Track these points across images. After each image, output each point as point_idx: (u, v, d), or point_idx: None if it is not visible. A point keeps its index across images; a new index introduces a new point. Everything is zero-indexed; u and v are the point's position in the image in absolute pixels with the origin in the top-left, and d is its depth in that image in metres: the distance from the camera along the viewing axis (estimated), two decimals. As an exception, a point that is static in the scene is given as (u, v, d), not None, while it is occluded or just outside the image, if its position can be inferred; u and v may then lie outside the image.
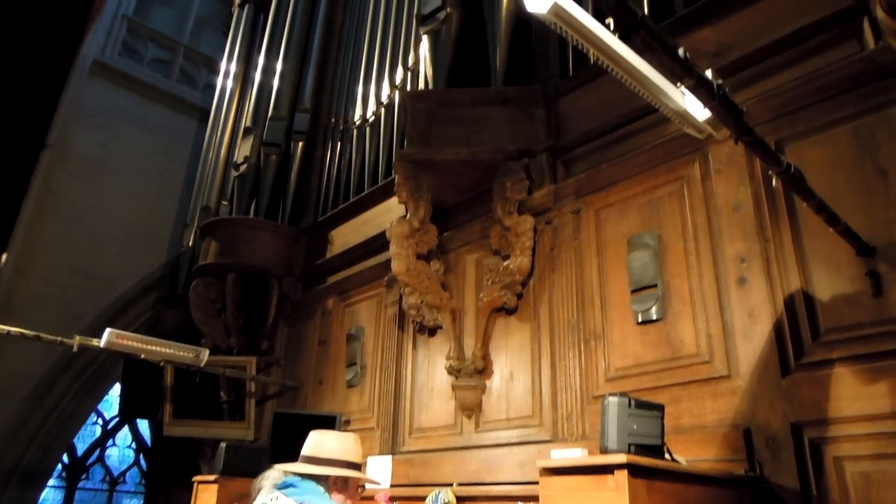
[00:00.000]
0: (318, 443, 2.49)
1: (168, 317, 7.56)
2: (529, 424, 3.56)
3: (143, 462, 9.58)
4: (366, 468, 4.11)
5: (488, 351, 3.94)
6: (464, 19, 4.58)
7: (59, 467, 8.64)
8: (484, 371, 3.91)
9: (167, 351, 4.66)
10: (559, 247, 3.74)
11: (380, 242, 4.84)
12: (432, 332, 4.34)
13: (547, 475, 2.09)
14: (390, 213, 4.98)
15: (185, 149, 9.13)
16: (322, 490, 2.34)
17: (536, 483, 2.12)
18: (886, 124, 2.61)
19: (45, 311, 7.21)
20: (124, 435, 9.64)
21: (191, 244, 7.54)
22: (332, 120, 6.56)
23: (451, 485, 3.44)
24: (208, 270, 6.11)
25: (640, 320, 3.18)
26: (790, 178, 2.01)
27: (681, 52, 1.49)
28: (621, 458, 1.91)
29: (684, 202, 3.22)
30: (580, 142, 3.89)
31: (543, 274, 3.78)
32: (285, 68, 7.06)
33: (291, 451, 2.59)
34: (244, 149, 6.80)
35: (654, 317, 3.13)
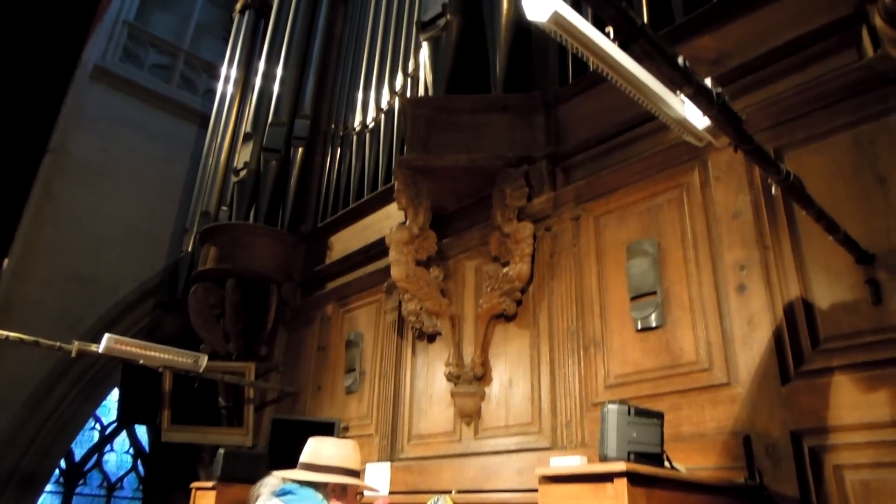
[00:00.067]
0: (316, 449, 2.49)
1: (167, 322, 7.56)
2: (528, 431, 3.55)
3: (140, 468, 9.55)
4: (364, 475, 4.10)
5: (487, 358, 3.94)
6: (464, 26, 4.59)
7: (57, 473, 8.61)
8: (483, 378, 3.90)
9: (166, 356, 4.65)
10: (558, 253, 3.74)
11: (379, 248, 4.85)
12: (431, 338, 4.34)
13: (546, 483, 2.09)
14: (390, 219, 4.98)
15: (185, 154, 9.13)
16: (320, 497, 2.34)
17: (535, 491, 2.12)
18: (886, 132, 2.62)
19: (44, 316, 7.20)
20: (122, 440, 9.61)
21: (190, 249, 7.54)
22: (332, 126, 6.57)
23: (449, 492, 3.43)
24: (207, 276, 6.11)
25: (639, 327, 3.18)
26: (790, 186, 2.02)
27: (680, 60, 1.49)
28: (621, 466, 1.91)
29: (684, 209, 3.22)
30: (580, 149, 3.90)
31: (543, 281, 3.77)
32: (285, 74, 7.08)
33: (290, 458, 2.59)
34: (244, 154, 6.81)
35: (653, 324, 3.12)
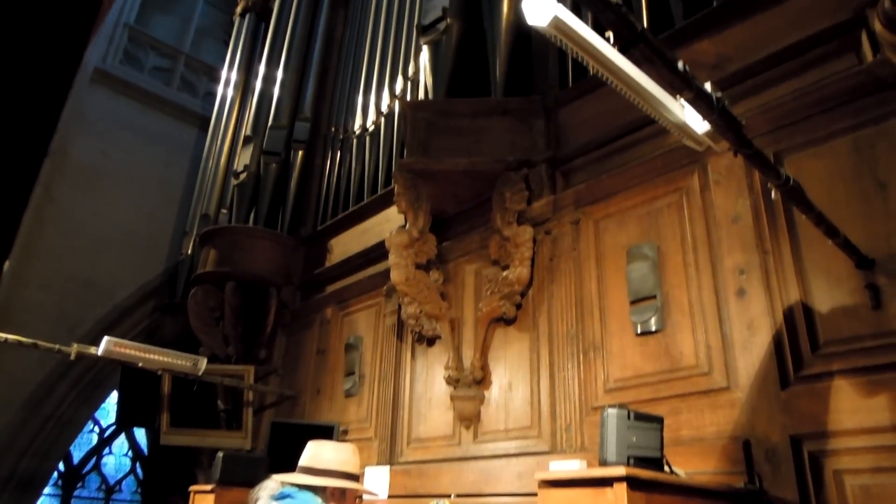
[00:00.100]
0: (315, 453, 2.49)
1: (166, 325, 7.55)
2: (528, 435, 3.54)
3: (139, 471, 9.54)
4: (363, 479, 4.09)
5: (487, 361, 3.94)
6: (464, 30, 4.60)
7: (55, 475, 8.60)
8: (482, 381, 3.90)
9: (165, 359, 4.65)
10: (558, 257, 3.74)
11: (379, 252, 4.84)
12: (431, 341, 4.33)
13: (546, 487, 2.09)
14: (389, 222, 4.98)
15: (185, 157, 9.13)
16: (319, 501, 2.34)
17: (535, 495, 2.12)
18: (885, 137, 2.62)
19: (43, 319, 7.20)
20: (121, 443, 9.60)
21: (190, 252, 7.53)
22: (332, 129, 6.57)
23: (449, 496, 3.43)
24: (207, 279, 6.10)
25: (639, 331, 3.18)
26: (789, 190, 2.02)
27: (680, 65, 1.49)
28: (620, 470, 1.91)
29: (683, 213, 3.22)
30: (579, 152, 3.90)
31: (542, 284, 3.77)
32: (286, 77, 7.08)
33: (289, 461, 2.59)
34: (244, 157, 6.81)
35: (653, 328, 3.12)
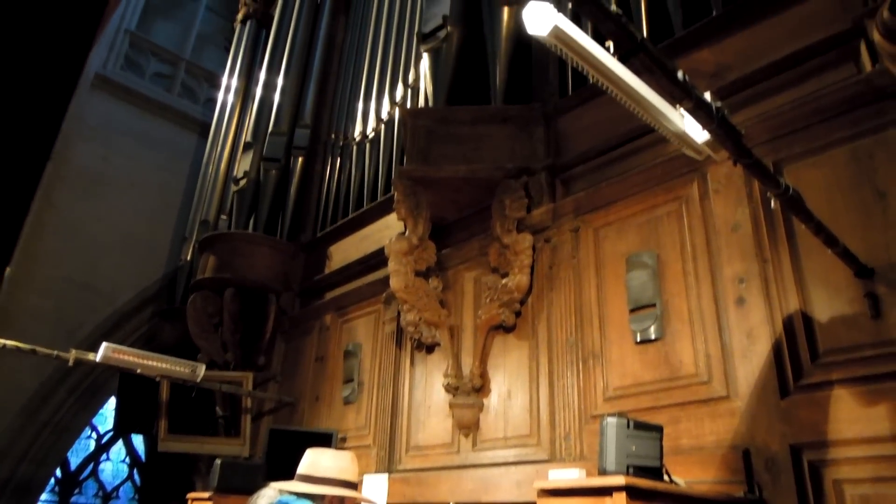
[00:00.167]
0: (314, 461, 2.48)
1: (165, 330, 7.54)
2: (527, 444, 3.53)
3: (136, 477, 9.51)
4: (362, 487, 4.08)
5: (486, 369, 3.93)
6: (464, 38, 4.62)
7: (53, 481, 8.57)
8: (482, 389, 3.89)
9: (163, 366, 4.64)
10: (558, 265, 3.74)
11: (378, 258, 4.84)
12: (430, 349, 4.33)
13: (545, 497, 2.08)
14: (389, 229, 4.98)
15: (185, 163, 9.14)
16: (317, 509, 2.32)
17: (534, 503, 2.12)
18: (884, 146, 2.63)
19: (42, 324, 7.19)
20: (118, 449, 9.57)
21: (189, 258, 7.53)
22: (332, 136, 6.58)
23: (447, 504, 3.42)
24: (206, 285, 6.10)
25: (638, 340, 3.17)
26: (789, 199, 2.02)
27: (680, 74, 1.50)
28: (620, 480, 1.90)
29: (683, 222, 3.22)
30: (579, 160, 3.91)
31: (542, 292, 3.77)
32: (286, 84, 7.10)
33: (287, 469, 2.58)
34: (244, 163, 6.81)
35: (652, 336, 3.12)
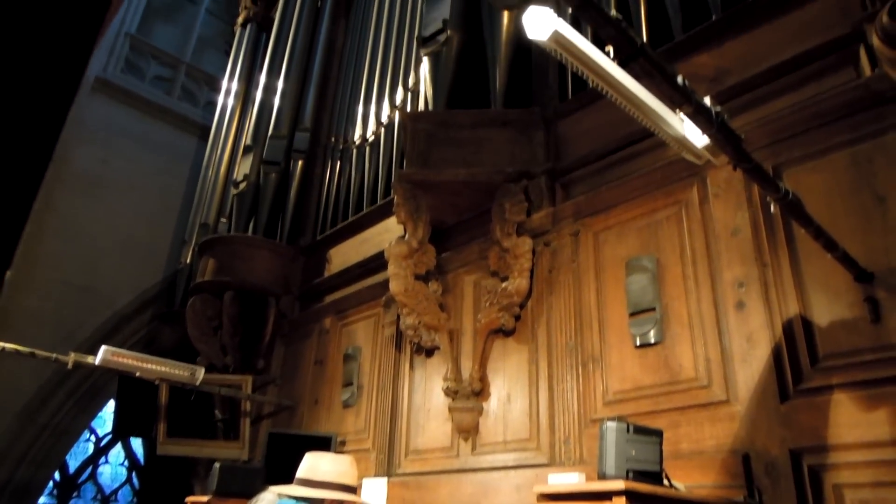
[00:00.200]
0: (313, 465, 2.47)
1: (164, 333, 7.53)
2: (527, 448, 3.53)
3: (135, 480, 9.49)
4: (361, 491, 4.07)
5: (486, 373, 3.92)
6: (464, 42, 4.62)
7: (51, 484, 8.55)
8: (481, 393, 3.88)
9: (163, 369, 4.63)
10: (557, 269, 3.74)
11: (378, 262, 4.84)
12: (430, 352, 4.32)
13: (544, 501, 2.08)
14: (389, 232, 4.98)
15: (185, 166, 9.14)
16: (317, 513, 2.32)
17: (533, 509, 2.11)
18: (883, 151, 2.63)
19: (41, 327, 7.18)
20: (117, 452, 9.55)
21: (188, 261, 7.53)
22: (332, 139, 6.58)
23: (446, 508, 3.41)
24: (205, 288, 6.09)
25: (638, 343, 3.17)
26: (788, 204, 2.02)
27: (680, 79, 1.50)
28: (619, 484, 1.90)
29: (682, 226, 3.23)
30: (579, 164, 3.91)
31: (541, 296, 3.77)
32: (286, 87, 7.10)
33: (286, 472, 2.58)
34: (244, 166, 6.81)
35: (652, 340, 3.12)
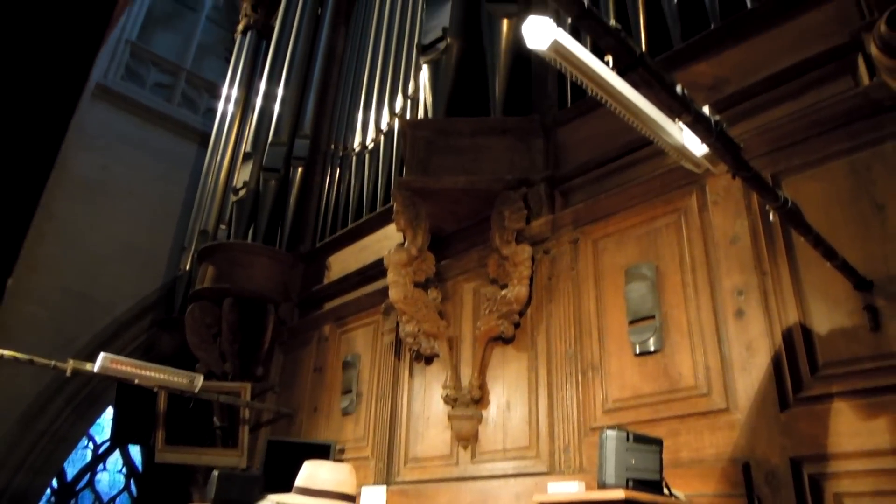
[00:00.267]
0: (312, 473, 2.46)
1: (163, 340, 7.51)
2: (526, 456, 3.52)
3: (133, 488, 9.45)
4: (360, 499, 4.05)
5: (485, 380, 3.92)
6: (464, 50, 4.64)
7: (49, 491, 8.51)
8: (480, 401, 3.88)
9: (161, 376, 4.61)
10: (557, 276, 3.74)
11: (377, 269, 4.84)
12: (429, 360, 4.32)
13: (544, 510, 2.07)
14: (388, 239, 4.98)
15: (185, 173, 9.15)
16: (315, 522, 2.31)
17: (533, 518, 2.10)
18: (882, 159, 2.63)
19: (40, 334, 7.16)
20: (115, 460, 9.52)
21: (188, 268, 7.52)
22: (332, 146, 6.59)
23: (446, 517, 3.39)
24: (204, 295, 6.09)
25: (637, 352, 3.17)
26: (787, 212, 2.02)
27: (679, 88, 1.50)
28: (619, 493, 1.90)
29: (682, 234, 3.23)
30: (578, 172, 3.92)
31: (541, 304, 3.77)
32: (286, 94, 7.11)
33: (285, 480, 2.57)
34: (243, 173, 6.82)
35: (651, 348, 3.11)
